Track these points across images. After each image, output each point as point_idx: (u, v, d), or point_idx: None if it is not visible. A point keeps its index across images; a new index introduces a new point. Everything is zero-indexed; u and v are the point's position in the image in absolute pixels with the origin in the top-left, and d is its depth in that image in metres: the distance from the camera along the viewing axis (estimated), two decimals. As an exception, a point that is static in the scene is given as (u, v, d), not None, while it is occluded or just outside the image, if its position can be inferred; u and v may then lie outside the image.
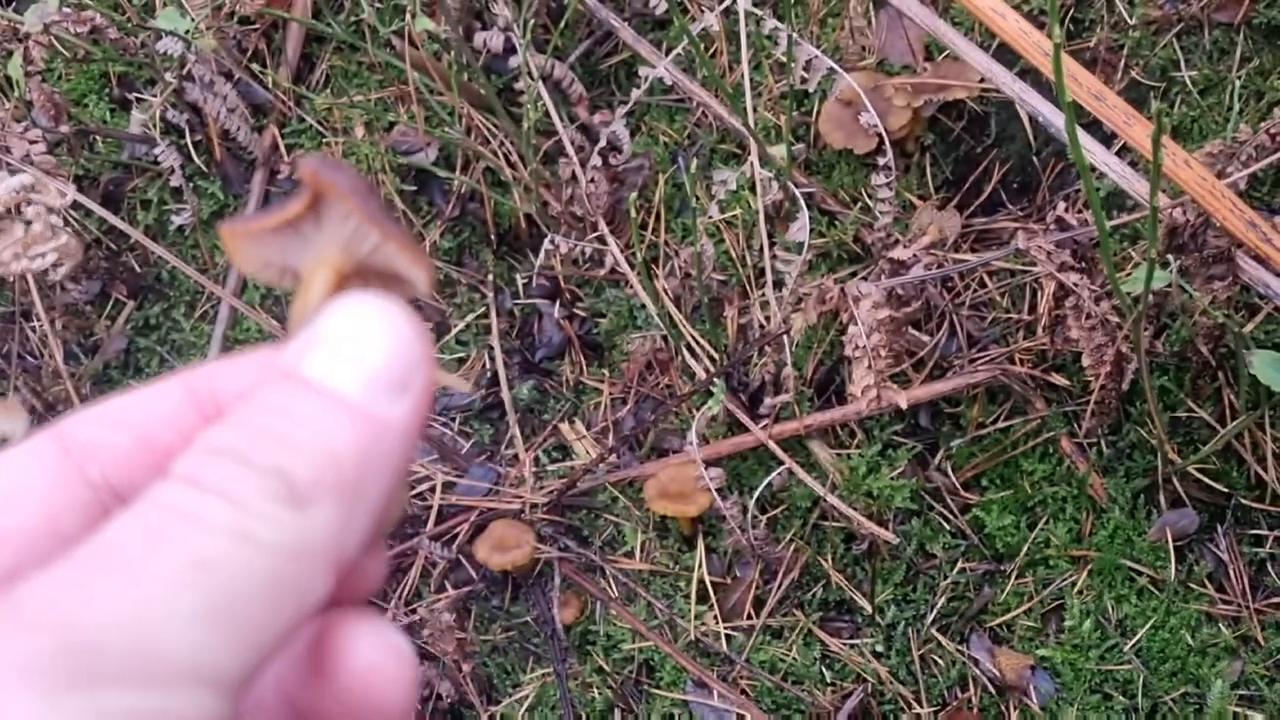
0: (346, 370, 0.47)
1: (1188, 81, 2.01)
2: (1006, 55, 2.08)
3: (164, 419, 0.52)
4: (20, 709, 0.39)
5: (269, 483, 0.44)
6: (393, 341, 0.47)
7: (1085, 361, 1.68)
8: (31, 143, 1.95)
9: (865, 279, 1.85)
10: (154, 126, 2.14)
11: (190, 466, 0.45)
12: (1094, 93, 1.40)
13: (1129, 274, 1.86)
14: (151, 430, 0.51)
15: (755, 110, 2.13)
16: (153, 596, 0.41)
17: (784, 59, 2.12)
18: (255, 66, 2.25)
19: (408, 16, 1.89)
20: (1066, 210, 1.66)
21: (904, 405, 1.64)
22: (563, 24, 2.15)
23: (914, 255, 1.74)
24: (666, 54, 2.13)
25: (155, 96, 2.12)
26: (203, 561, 0.42)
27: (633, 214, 1.67)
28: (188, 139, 2.19)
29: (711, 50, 2.22)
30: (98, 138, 2.23)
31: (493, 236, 2.27)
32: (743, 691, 1.99)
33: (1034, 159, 2.10)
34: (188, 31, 1.96)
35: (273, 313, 2.25)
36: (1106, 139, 2.05)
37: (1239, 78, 1.96)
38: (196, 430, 0.48)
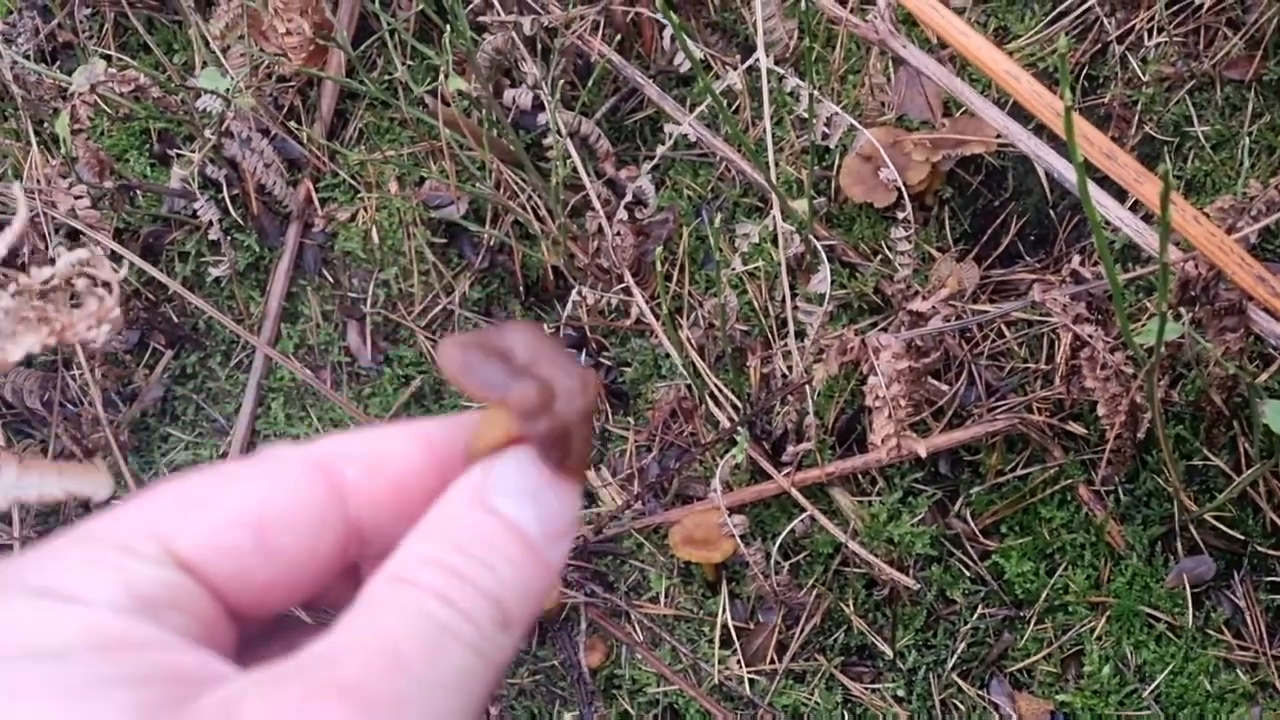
0: (534, 520, 0.54)
1: (1200, 137, 2.06)
2: (1022, 112, 2.13)
3: (414, 470, 0.57)
4: None
5: (493, 610, 0.52)
6: (559, 500, 0.55)
7: (1100, 411, 1.71)
8: (76, 198, 2.02)
9: (885, 330, 1.89)
10: (193, 181, 2.20)
11: (437, 581, 0.52)
12: (1106, 152, 1.45)
13: (1144, 324, 1.90)
14: (401, 479, 0.57)
15: (777, 165, 2.19)
16: (433, 699, 0.49)
17: (805, 115, 2.18)
18: (291, 123, 2.32)
19: (440, 76, 1.95)
20: (1082, 264, 1.70)
21: (923, 454, 1.68)
22: (590, 82, 2.22)
23: (933, 307, 1.78)
24: (691, 110, 2.19)
25: (194, 152, 2.19)
26: (464, 671, 0.51)
27: (658, 266, 1.72)
28: (225, 193, 2.26)
29: (735, 106, 2.28)
30: (139, 192, 2.29)
31: (521, 288, 2.32)
32: (766, 735, 2.02)
33: (1050, 211, 2.14)
34: (227, 90, 2.02)
35: (305, 361, 2.31)
36: (1120, 193, 2.10)
37: (1250, 133, 2.00)
38: (429, 487, 0.56)
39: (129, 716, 0.45)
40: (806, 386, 1.99)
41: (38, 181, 2.13)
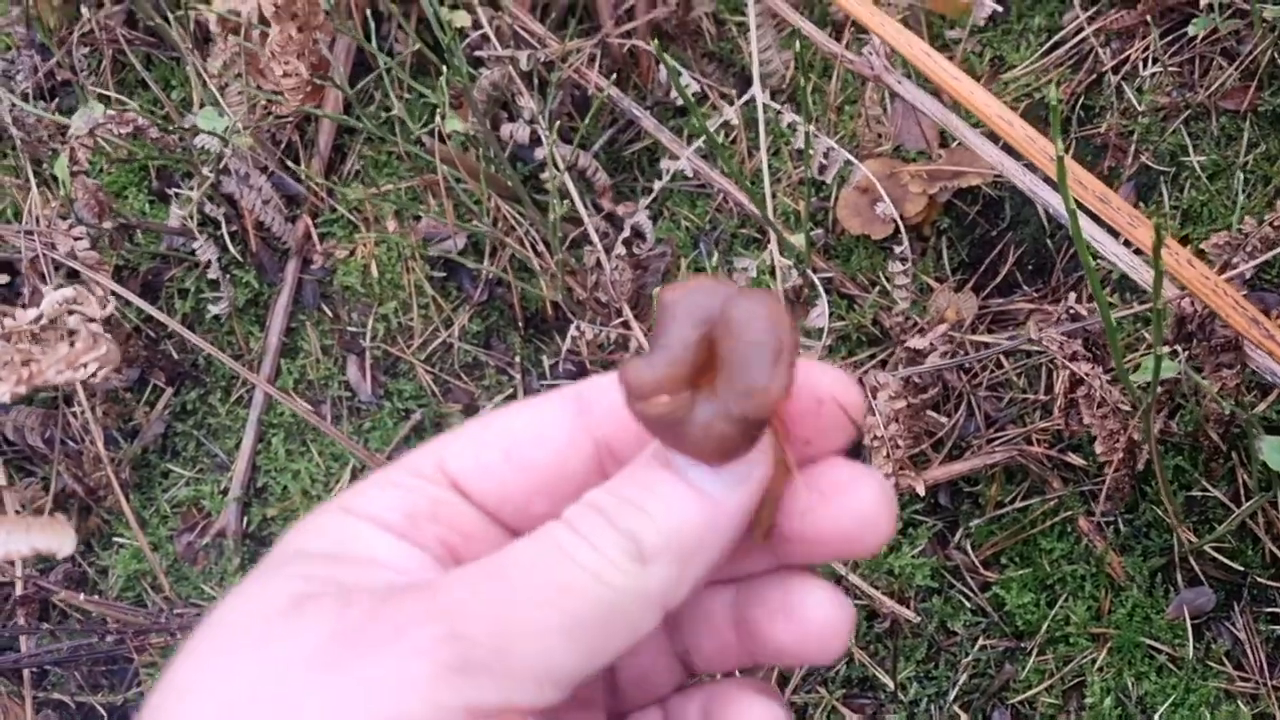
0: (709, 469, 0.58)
1: (1196, 167, 2.06)
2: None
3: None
4: (412, 670, 0.52)
5: (624, 541, 0.56)
6: (756, 451, 0.58)
7: (1098, 448, 1.72)
8: (76, 239, 2.03)
9: (884, 364, 1.90)
10: (192, 219, 2.21)
11: (574, 514, 0.58)
12: (1100, 195, 1.45)
13: (1141, 358, 1.90)
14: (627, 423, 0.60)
15: (774, 196, 2.19)
16: (523, 607, 0.55)
17: (802, 149, 2.18)
18: (288, 159, 2.33)
19: (437, 116, 1.96)
20: (1078, 300, 1.70)
21: (921, 492, 1.68)
22: (589, 117, 2.22)
23: (930, 344, 1.79)
24: (688, 142, 2.19)
25: (193, 190, 2.19)
26: (567, 588, 0.55)
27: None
28: (224, 230, 2.27)
29: (731, 137, 2.28)
30: (137, 230, 2.30)
31: (520, 321, 2.33)
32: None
33: (1048, 241, 2.15)
34: (225, 130, 2.03)
35: (305, 396, 2.31)
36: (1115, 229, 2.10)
37: (1245, 164, 2.01)
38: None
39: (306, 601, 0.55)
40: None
41: (37, 221, 2.14)
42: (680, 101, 2.08)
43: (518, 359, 2.34)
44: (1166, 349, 1.49)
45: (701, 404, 0.56)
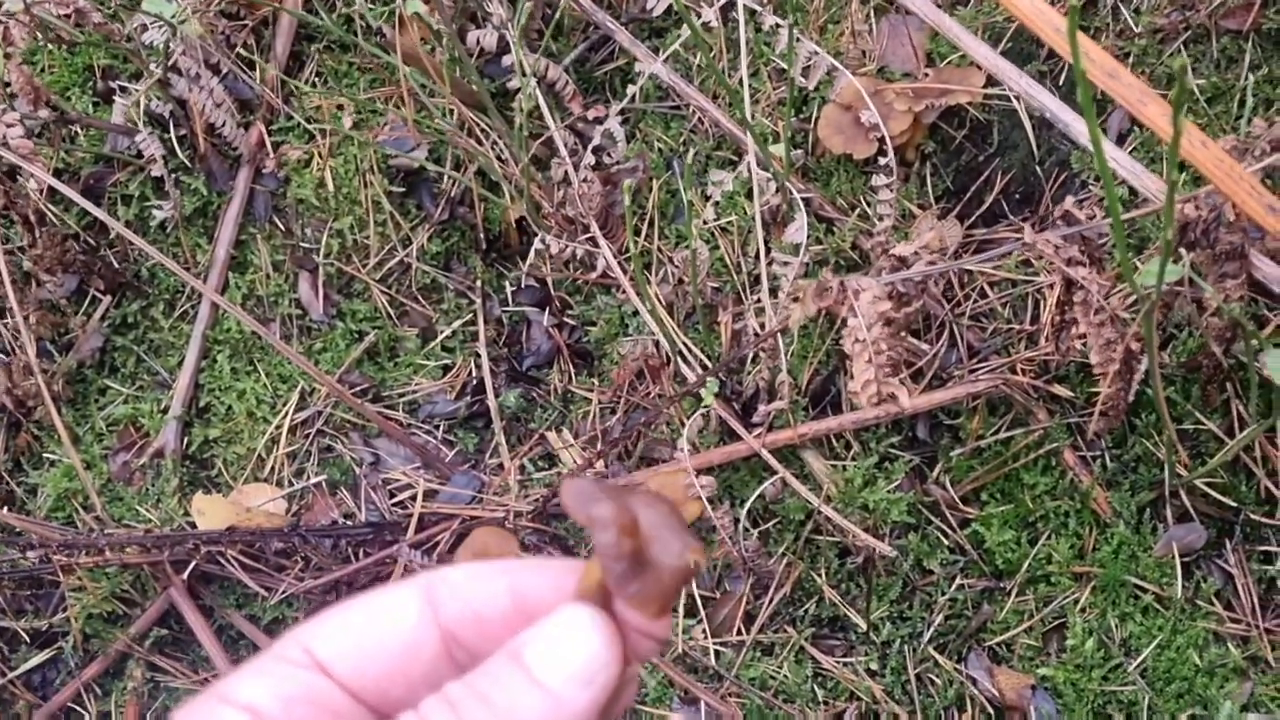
0: (553, 663, 0.62)
1: (1195, 90, 1.97)
2: (1012, 51, 2.04)
3: (495, 605, 0.66)
4: None
5: None
6: (590, 648, 0.62)
7: (1094, 359, 1.62)
8: (8, 126, 1.90)
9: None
10: (138, 118, 2.08)
11: (428, 707, 0.62)
12: (1108, 71, 1.35)
13: (1144, 262, 1.81)
14: (480, 609, 0.66)
15: (753, 117, 2.09)
16: None
17: (783, 64, 2.08)
18: (242, 68, 2.20)
19: (399, 1, 1.84)
20: (1078, 204, 1.60)
21: (905, 402, 1.58)
22: (554, 25, 2.11)
23: (916, 252, 1.69)
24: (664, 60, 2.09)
25: (139, 88, 2.07)
26: None
27: (627, 201, 1.61)
28: (171, 133, 2.14)
29: (710, 55, 2.18)
30: (79, 130, 2.17)
31: (483, 242, 2.22)
32: (730, 713, 1.91)
33: (1037, 169, 2.05)
34: (173, 16, 1.91)
35: (254, 314, 2.19)
36: (1118, 139, 2.01)
37: (1249, 84, 1.92)
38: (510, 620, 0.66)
39: None
40: (780, 339, 1.88)
41: (-32, 110, 2.01)
42: (657, 12, 1.98)
43: (479, 282, 2.23)
44: (1171, 245, 1.39)
45: (645, 559, 0.62)
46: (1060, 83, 2.02)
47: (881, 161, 1.91)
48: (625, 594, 0.62)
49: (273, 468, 2.16)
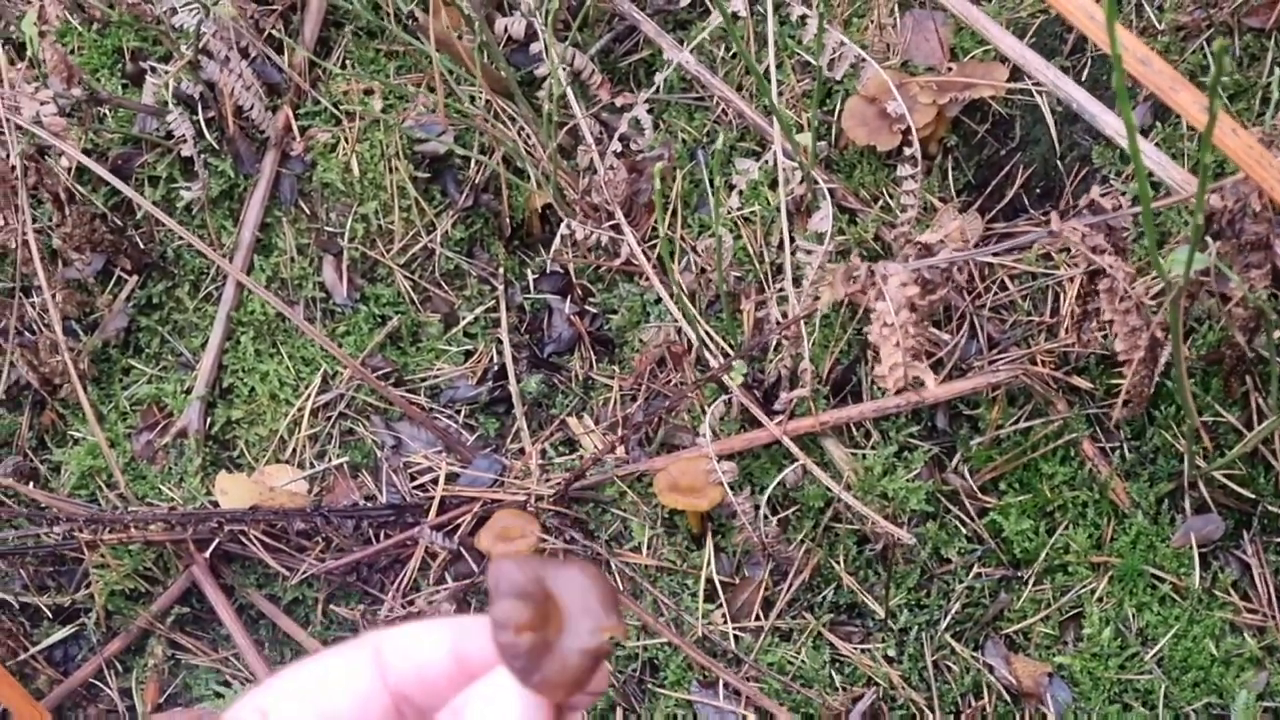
0: None
1: (1218, 87, 1.99)
2: (1038, 43, 2.06)
3: (437, 664, 0.69)
4: None
5: None
6: (514, 713, 0.64)
7: (1118, 346, 1.63)
8: (42, 103, 1.92)
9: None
10: (167, 98, 2.10)
11: None
12: (1140, 58, 1.37)
13: (1170, 251, 1.82)
14: (424, 670, 0.69)
15: (778, 107, 2.10)
16: None
17: (808, 56, 2.10)
18: (270, 51, 2.22)
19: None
20: (1102, 195, 1.62)
21: (931, 385, 1.59)
22: (582, 16, 2.13)
23: (941, 240, 1.70)
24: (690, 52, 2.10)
25: (169, 69, 2.09)
26: None
27: (657, 185, 1.63)
28: (200, 115, 2.16)
29: (734, 53, 2.19)
30: (108, 110, 2.19)
31: (506, 229, 2.23)
32: (749, 695, 1.93)
33: (1058, 163, 2.07)
34: (207, -2, 1.92)
35: (278, 296, 2.21)
36: (1140, 134, 2.02)
37: (1273, 80, 1.93)
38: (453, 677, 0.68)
39: None
40: (803, 325, 1.90)
41: (1, 84, 2.02)
42: (683, 3, 2.00)
43: (501, 269, 2.24)
44: (1199, 231, 1.40)
45: (553, 644, 0.64)
46: (1083, 79, 2.04)
47: (906, 153, 1.93)
48: (530, 684, 0.63)
49: (294, 449, 2.17)
